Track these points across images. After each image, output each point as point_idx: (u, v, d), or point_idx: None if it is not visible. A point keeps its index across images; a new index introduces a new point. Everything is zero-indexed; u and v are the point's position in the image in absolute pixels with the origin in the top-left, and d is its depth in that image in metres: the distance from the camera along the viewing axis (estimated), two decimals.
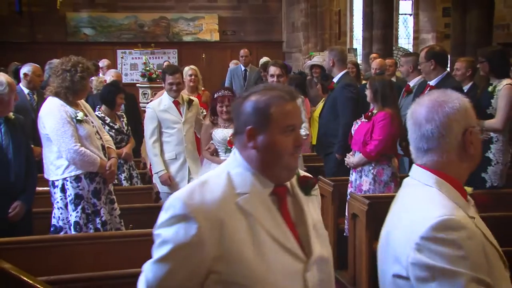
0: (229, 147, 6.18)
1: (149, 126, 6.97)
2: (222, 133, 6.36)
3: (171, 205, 2.25)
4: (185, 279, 2.25)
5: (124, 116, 7.46)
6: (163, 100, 7.10)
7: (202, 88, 9.38)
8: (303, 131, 6.26)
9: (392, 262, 2.22)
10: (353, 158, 6.38)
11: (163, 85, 9.05)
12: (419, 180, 2.30)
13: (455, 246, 2.06)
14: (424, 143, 2.28)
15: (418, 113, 2.29)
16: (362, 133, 6.25)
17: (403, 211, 2.27)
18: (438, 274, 2.05)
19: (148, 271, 2.31)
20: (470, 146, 2.27)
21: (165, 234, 2.24)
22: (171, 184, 6.85)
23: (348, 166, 6.54)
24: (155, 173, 7.05)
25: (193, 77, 8.69)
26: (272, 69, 6.89)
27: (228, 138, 6.22)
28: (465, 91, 6.96)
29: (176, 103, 7.03)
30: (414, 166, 2.37)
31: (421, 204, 2.21)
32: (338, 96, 7.29)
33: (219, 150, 6.45)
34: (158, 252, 2.27)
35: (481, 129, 6.24)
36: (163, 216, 2.27)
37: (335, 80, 7.54)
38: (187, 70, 8.85)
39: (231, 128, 5.93)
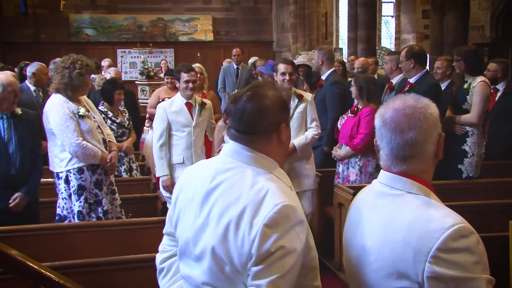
0: None
1: (158, 127, 6.41)
2: None
3: (287, 214, 2.11)
4: (293, 283, 2.18)
5: (127, 111, 7.48)
6: (175, 101, 6.53)
7: (207, 88, 9.07)
8: (314, 130, 6.20)
9: (393, 277, 2.08)
10: (340, 150, 6.42)
11: (164, 81, 9.09)
12: (401, 188, 2.17)
13: (469, 253, 1.99)
14: (406, 150, 2.15)
15: (396, 119, 2.16)
16: (348, 128, 6.28)
17: (396, 223, 2.11)
18: (457, 283, 1.97)
19: None
20: (441, 149, 2.21)
21: (289, 244, 2.10)
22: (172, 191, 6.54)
23: (335, 159, 6.57)
24: (158, 176, 6.53)
25: (198, 75, 7.96)
26: (283, 67, 6.23)
27: None
28: (443, 88, 6.99)
29: (189, 106, 6.47)
30: (388, 173, 2.23)
31: (423, 215, 2.07)
32: (327, 92, 7.35)
33: None
34: (282, 265, 2.09)
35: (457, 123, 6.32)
36: (280, 228, 2.09)
37: (323, 77, 7.62)
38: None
39: None
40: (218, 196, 2.24)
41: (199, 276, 2.27)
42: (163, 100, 8.05)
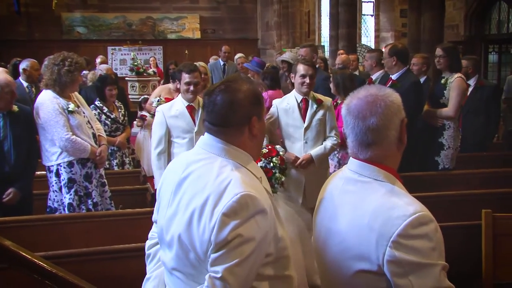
0: (263, 158, 4.83)
1: (156, 133, 5.44)
2: None
3: (246, 203, 2.10)
4: (256, 271, 2.19)
5: (123, 107, 7.41)
6: (176, 104, 5.54)
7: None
8: (334, 140, 5.54)
9: (356, 259, 2.10)
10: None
11: (171, 83, 8.11)
12: (368, 176, 2.18)
13: (427, 240, 2.01)
14: (369, 135, 2.15)
15: (359, 106, 2.16)
16: None
17: (363, 208, 2.12)
18: (414, 267, 1.99)
19: (227, 280, 2.09)
20: (404, 135, 2.20)
21: (247, 232, 2.09)
22: None
23: None
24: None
25: (202, 75, 7.52)
26: (304, 69, 5.42)
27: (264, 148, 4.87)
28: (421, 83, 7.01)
29: (190, 109, 5.45)
30: (355, 161, 2.24)
31: (387, 201, 2.08)
32: (319, 87, 7.29)
33: None
34: (239, 253, 2.09)
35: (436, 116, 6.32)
36: (238, 216, 2.09)
37: None
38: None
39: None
40: (188, 186, 2.24)
41: (169, 262, 2.30)
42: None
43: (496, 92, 7.85)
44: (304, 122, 5.48)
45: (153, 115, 7.43)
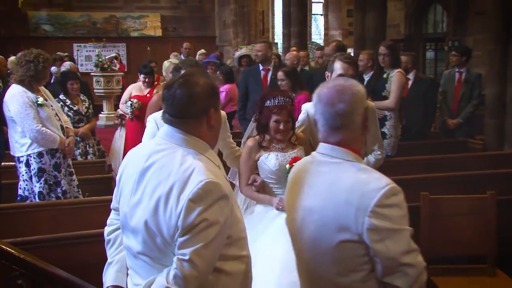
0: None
1: None
2: (276, 160, 3.89)
3: (210, 190, 2.12)
4: (219, 252, 2.20)
5: (87, 101, 7.33)
6: None
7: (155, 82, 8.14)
8: (378, 154, 4.41)
9: (337, 231, 2.14)
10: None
11: (140, 79, 7.66)
12: (340, 157, 2.23)
13: (398, 208, 2.12)
14: (338, 120, 2.21)
15: (328, 94, 2.23)
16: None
17: (339, 186, 2.17)
18: (389, 232, 2.10)
19: (194, 261, 2.10)
20: (367, 121, 2.28)
21: (212, 217, 2.11)
22: None
23: None
24: None
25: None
26: (343, 67, 4.23)
27: (288, 165, 3.84)
28: (368, 78, 7.06)
29: None
30: (325, 145, 2.27)
31: (362, 178, 2.15)
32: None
33: (270, 183, 3.96)
34: (205, 236, 2.10)
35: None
36: (204, 202, 2.10)
37: (270, 67, 7.44)
38: (167, 66, 7.35)
39: (290, 151, 3.93)
40: (151, 175, 2.23)
41: (135, 247, 2.28)
42: (133, 98, 7.49)
43: (433, 85, 7.97)
44: None
45: (132, 115, 7.34)
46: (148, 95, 7.41)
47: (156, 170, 2.22)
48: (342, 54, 4.49)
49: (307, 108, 4.24)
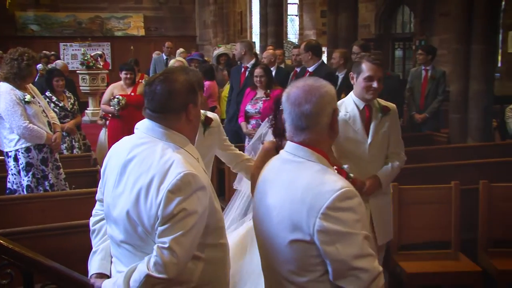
0: None
1: None
2: None
3: (188, 181, 2.12)
4: (197, 240, 2.20)
5: (73, 97, 7.26)
6: None
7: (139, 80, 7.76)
8: (402, 157, 4.04)
9: (289, 230, 2.07)
10: (261, 129, 6.20)
11: (122, 77, 7.39)
12: (302, 157, 2.14)
13: (352, 212, 2.01)
14: (303, 120, 2.12)
15: (296, 94, 2.13)
16: (267, 109, 6.21)
17: (296, 185, 2.09)
18: (340, 236, 1.99)
19: (174, 249, 2.10)
20: (336, 124, 2.19)
21: (190, 207, 2.11)
22: None
23: (248, 136, 6.27)
24: None
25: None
26: (372, 69, 3.80)
27: None
28: (342, 76, 7.07)
29: None
30: (291, 143, 2.19)
31: (318, 179, 2.06)
32: None
33: None
34: (183, 225, 2.10)
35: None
36: (182, 193, 2.11)
37: (249, 65, 7.41)
38: (173, 62, 7.34)
39: None
40: (133, 167, 2.23)
41: (118, 236, 2.28)
42: (114, 98, 7.20)
43: (401, 82, 8.04)
44: (367, 135, 3.89)
45: (118, 111, 7.12)
46: (132, 93, 7.26)
47: (138, 162, 2.22)
48: (370, 54, 3.93)
49: None
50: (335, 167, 2.98)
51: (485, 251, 4.35)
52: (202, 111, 3.36)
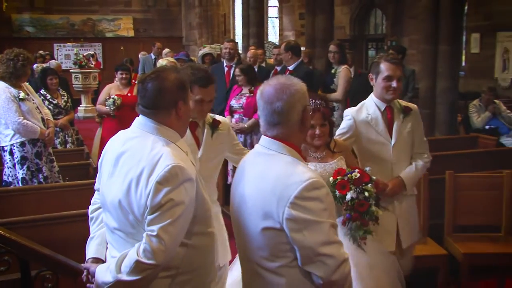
0: (335, 192, 3.03)
1: None
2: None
3: (176, 173, 2.11)
4: (185, 229, 2.19)
5: (66, 95, 7.19)
6: None
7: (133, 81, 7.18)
8: (426, 157, 3.73)
9: (261, 218, 2.08)
10: (242, 124, 6.22)
11: (117, 77, 7.00)
12: (275, 150, 2.15)
13: (319, 202, 2.02)
14: (274, 117, 2.12)
15: (268, 92, 2.13)
16: (251, 105, 6.21)
17: (268, 176, 2.10)
18: (307, 224, 2.00)
19: (162, 237, 2.09)
20: (306, 120, 2.19)
21: (177, 197, 2.11)
22: None
23: (238, 132, 6.15)
24: None
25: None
26: (390, 68, 3.46)
27: (331, 177, 3.10)
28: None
29: (193, 127, 3.17)
30: (265, 138, 2.19)
31: (287, 170, 2.07)
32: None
33: None
34: (171, 214, 2.10)
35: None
36: (170, 184, 2.10)
37: (233, 64, 7.37)
38: (162, 62, 6.81)
39: (330, 161, 3.24)
40: (125, 159, 2.23)
41: (111, 223, 2.29)
42: (109, 98, 6.78)
43: None
44: (391, 137, 3.61)
45: (114, 112, 6.69)
46: (129, 94, 6.86)
47: (130, 155, 2.22)
48: (388, 55, 3.69)
49: (352, 114, 3.65)
50: (357, 169, 3.06)
51: (450, 236, 4.40)
52: (210, 114, 3.25)
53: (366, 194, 2.99)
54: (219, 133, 3.22)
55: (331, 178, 3.07)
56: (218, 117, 3.31)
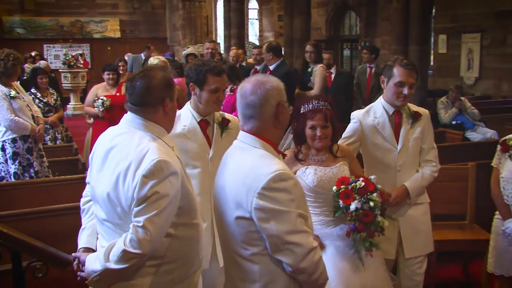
0: (339, 201, 2.78)
1: None
2: (314, 175, 2.90)
3: (161, 167, 2.10)
4: (170, 220, 2.18)
5: (55, 93, 7.11)
6: (183, 117, 3.12)
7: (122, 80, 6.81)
8: (433, 166, 3.36)
9: (234, 208, 2.08)
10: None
11: (104, 77, 6.63)
12: (249, 143, 2.14)
13: (286, 193, 2.00)
14: (248, 110, 2.12)
15: (245, 88, 2.14)
16: (229, 103, 6.17)
17: (241, 168, 2.10)
18: (274, 213, 1.98)
19: (147, 227, 2.08)
20: (281, 115, 2.15)
21: (163, 190, 2.09)
22: None
23: None
24: None
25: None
26: (404, 74, 3.10)
27: (335, 186, 2.83)
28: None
29: (204, 124, 3.10)
30: (242, 132, 2.19)
31: (257, 162, 2.06)
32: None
33: (310, 202, 2.80)
34: (156, 206, 2.09)
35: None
36: (155, 177, 2.08)
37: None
38: (153, 61, 6.58)
39: (332, 165, 2.95)
40: (114, 154, 2.22)
41: (101, 214, 2.28)
42: (98, 99, 6.33)
43: (351, 78, 8.10)
44: (397, 142, 3.29)
45: (103, 113, 6.26)
46: (117, 94, 6.47)
47: (118, 150, 2.21)
48: (402, 58, 3.29)
49: (359, 117, 3.36)
50: (361, 178, 2.80)
51: None
52: (220, 112, 3.11)
53: (371, 204, 2.73)
54: (228, 131, 3.10)
55: (334, 187, 2.81)
56: (227, 115, 3.18)
